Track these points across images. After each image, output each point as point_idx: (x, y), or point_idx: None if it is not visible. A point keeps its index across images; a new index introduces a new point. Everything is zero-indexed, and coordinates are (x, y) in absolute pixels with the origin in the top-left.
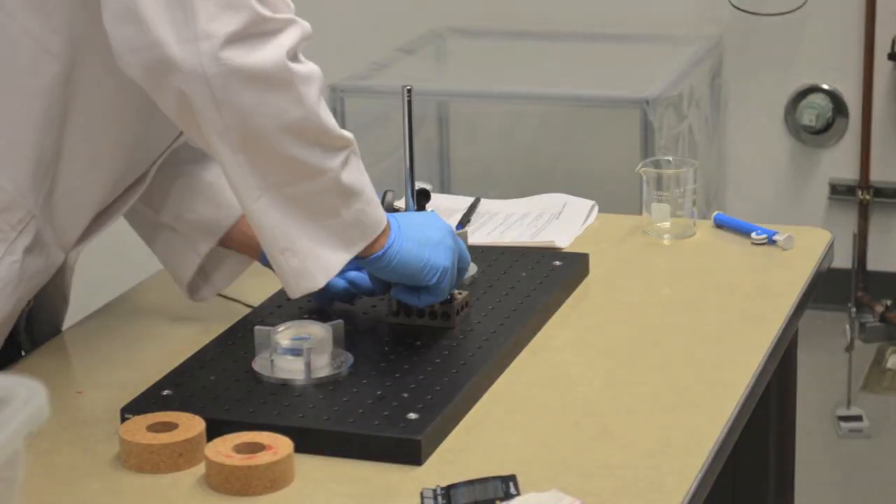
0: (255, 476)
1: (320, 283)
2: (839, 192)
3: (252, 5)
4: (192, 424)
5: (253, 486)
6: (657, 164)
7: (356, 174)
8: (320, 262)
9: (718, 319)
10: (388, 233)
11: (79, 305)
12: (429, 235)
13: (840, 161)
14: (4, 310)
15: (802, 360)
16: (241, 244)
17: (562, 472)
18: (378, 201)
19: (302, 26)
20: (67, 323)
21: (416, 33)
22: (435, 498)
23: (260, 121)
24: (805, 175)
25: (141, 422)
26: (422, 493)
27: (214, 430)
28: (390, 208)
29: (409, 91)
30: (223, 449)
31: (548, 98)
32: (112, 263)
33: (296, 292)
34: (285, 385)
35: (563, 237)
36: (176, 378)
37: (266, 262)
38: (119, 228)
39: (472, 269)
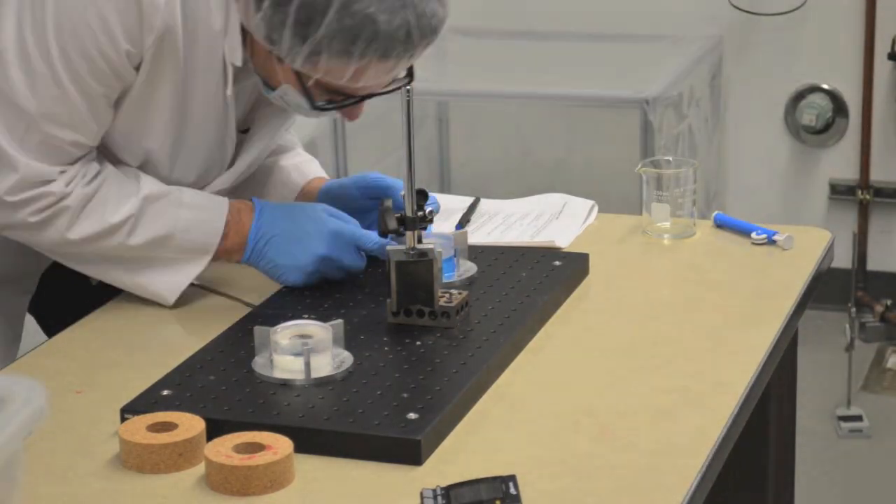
0: (255, 476)
1: (171, 301)
2: (839, 192)
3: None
4: (192, 424)
5: (253, 486)
6: (657, 164)
7: (154, 225)
8: (166, 286)
9: (718, 319)
10: (246, 240)
11: None
12: (296, 229)
13: (840, 161)
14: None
15: (802, 360)
16: None
17: (562, 472)
18: (206, 220)
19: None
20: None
21: None
22: (435, 498)
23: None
24: (805, 175)
25: (141, 422)
26: (422, 493)
27: (214, 430)
28: (388, 215)
29: (409, 91)
30: (223, 449)
31: (548, 98)
32: None
33: (166, 304)
34: (285, 385)
35: (563, 237)
36: (176, 378)
37: None
38: None
39: (472, 269)
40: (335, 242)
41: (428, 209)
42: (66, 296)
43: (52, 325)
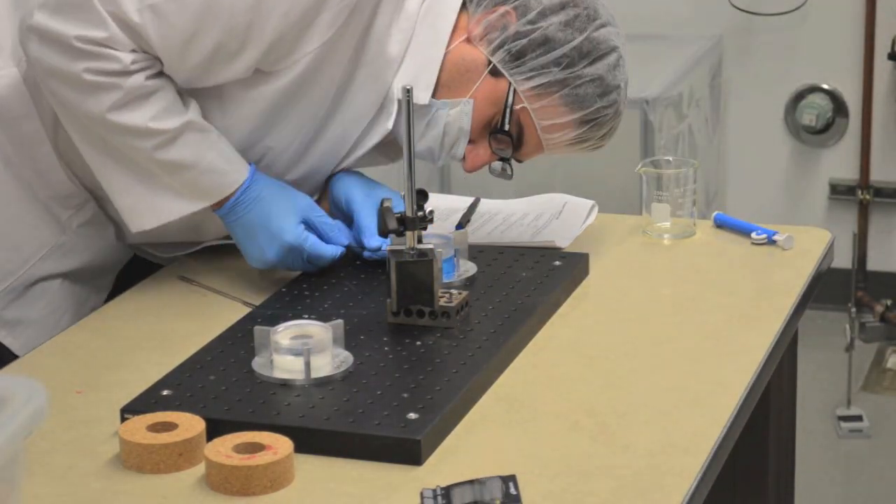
0: (255, 476)
1: (148, 226)
2: (839, 192)
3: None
4: (192, 424)
5: (253, 486)
6: (657, 164)
7: (183, 151)
8: (152, 210)
9: (718, 319)
10: (231, 197)
11: None
12: (260, 226)
13: (840, 161)
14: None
15: (802, 360)
16: None
17: (562, 472)
18: (227, 170)
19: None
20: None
21: None
22: (435, 498)
23: (61, 109)
24: (805, 175)
25: (141, 422)
26: (422, 493)
27: (214, 430)
28: (388, 215)
29: (410, 91)
30: (223, 449)
31: None
32: None
33: (132, 228)
34: (285, 385)
35: (563, 237)
36: (176, 378)
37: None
38: None
39: (472, 269)
40: (287, 254)
41: (428, 209)
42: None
43: None
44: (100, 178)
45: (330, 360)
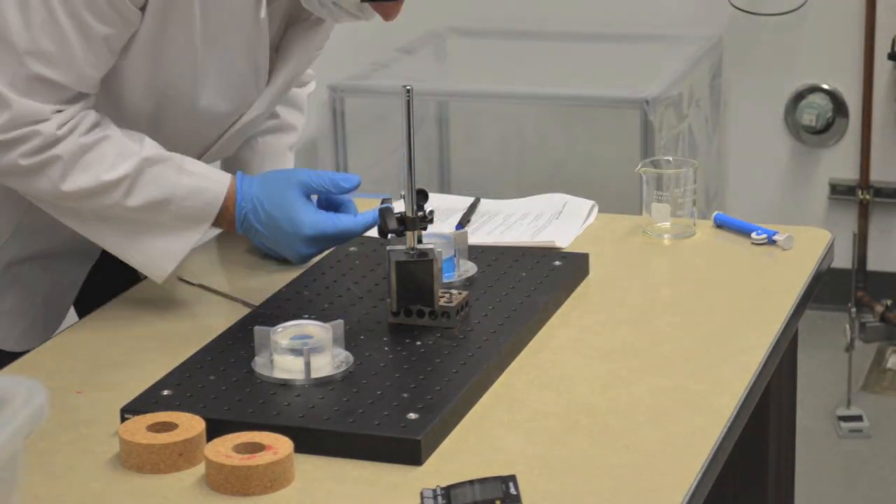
0: (255, 476)
1: (169, 269)
2: (839, 192)
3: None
4: (191, 424)
5: (253, 486)
6: (657, 164)
7: (151, 188)
8: (163, 252)
9: (718, 319)
10: (234, 213)
11: None
12: (276, 228)
13: (840, 161)
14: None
15: (802, 360)
16: None
17: (562, 472)
18: (206, 188)
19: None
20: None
21: (416, 33)
22: (435, 498)
23: (33, 199)
24: (805, 175)
25: (141, 422)
26: (422, 493)
27: (214, 430)
28: (388, 215)
29: (410, 91)
30: (223, 449)
31: (548, 98)
32: None
33: (157, 279)
34: (285, 385)
35: (563, 237)
36: (176, 378)
37: None
38: None
39: (472, 269)
40: (317, 243)
41: (428, 209)
42: (109, 284)
43: (90, 309)
44: (106, 247)
45: (330, 360)
